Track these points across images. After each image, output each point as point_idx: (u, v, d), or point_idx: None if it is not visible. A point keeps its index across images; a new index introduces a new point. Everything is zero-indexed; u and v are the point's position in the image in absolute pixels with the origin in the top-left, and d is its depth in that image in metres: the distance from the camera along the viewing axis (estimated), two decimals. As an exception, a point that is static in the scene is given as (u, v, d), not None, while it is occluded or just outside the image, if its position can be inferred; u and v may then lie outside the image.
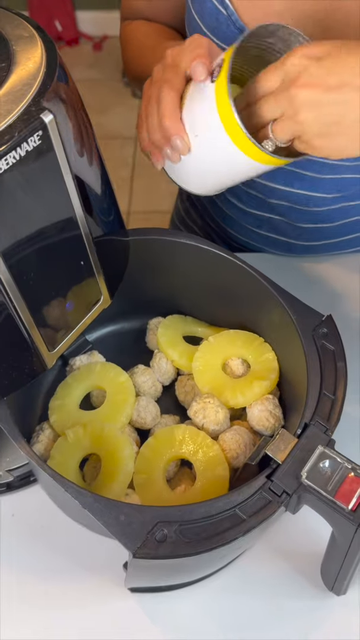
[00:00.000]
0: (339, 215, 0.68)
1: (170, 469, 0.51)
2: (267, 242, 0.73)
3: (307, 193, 0.64)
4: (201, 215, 0.80)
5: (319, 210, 0.66)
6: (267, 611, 0.49)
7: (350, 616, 0.49)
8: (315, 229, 0.69)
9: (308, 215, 0.67)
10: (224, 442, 0.50)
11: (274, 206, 0.67)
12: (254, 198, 0.67)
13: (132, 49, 0.66)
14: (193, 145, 0.46)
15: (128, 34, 0.68)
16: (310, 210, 0.67)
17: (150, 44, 0.64)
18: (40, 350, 0.43)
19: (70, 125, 0.38)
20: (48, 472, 0.41)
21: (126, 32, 0.69)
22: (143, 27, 0.67)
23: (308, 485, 0.40)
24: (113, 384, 0.55)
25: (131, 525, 0.39)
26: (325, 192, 0.64)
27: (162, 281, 0.59)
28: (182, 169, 0.49)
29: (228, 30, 0.56)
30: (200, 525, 0.39)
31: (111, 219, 0.49)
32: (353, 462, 0.40)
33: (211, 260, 0.55)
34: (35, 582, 0.50)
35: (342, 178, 0.62)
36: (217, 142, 0.44)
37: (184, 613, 0.49)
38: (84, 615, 0.49)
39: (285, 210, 0.67)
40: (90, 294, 0.47)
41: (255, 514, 0.39)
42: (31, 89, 0.35)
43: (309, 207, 0.66)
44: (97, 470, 0.51)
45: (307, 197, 0.65)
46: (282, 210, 0.68)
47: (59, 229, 0.41)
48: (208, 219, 0.79)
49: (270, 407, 0.51)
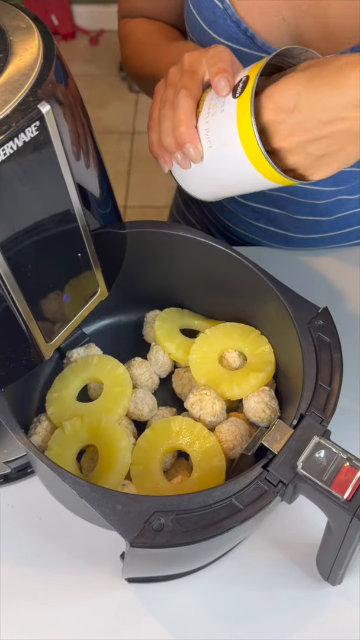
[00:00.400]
0: (336, 209, 0.68)
1: (167, 460, 0.52)
2: (265, 234, 0.73)
3: (305, 186, 0.64)
4: (200, 209, 0.80)
5: (317, 202, 0.67)
6: (263, 601, 0.50)
7: (346, 606, 0.49)
8: (313, 222, 0.70)
9: (306, 207, 0.68)
10: (220, 433, 0.51)
11: (273, 198, 0.68)
12: None
13: (132, 45, 0.66)
14: (206, 155, 0.46)
15: (128, 32, 0.68)
16: (308, 202, 0.67)
17: (151, 42, 0.64)
18: (37, 342, 0.43)
19: (68, 115, 0.38)
20: (45, 462, 0.42)
21: (125, 30, 0.69)
22: (144, 25, 0.67)
23: (304, 475, 0.40)
24: (110, 377, 0.55)
25: (128, 515, 0.39)
26: (323, 185, 0.64)
27: (159, 274, 0.59)
28: (190, 175, 0.49)
29: (225, 24, 0.56)
30: (197, 514, 0.39)
31: (108, 211, 0.49)
32: (348, 452, 0.41)
33: (208, 253, 0.55)
34: (33, 573, 0.51)
35: (340, 171, 0.62)
36: (232, 157, 0.44)
37: (181, 603, 0.49)
38: (82, 606, 0.49)
39: (284, 202, 0.68)
40: (88, 286, 0.47)
41: (252, 504, 0.40)
42: (28, 80, 0.35)
43: (307, 199, 0.66)
44: (94, 462, 0.51)
45: (304, 190, 0.65)
46: (280, 202, 0.68)
47: (56, 220, 0.41)
48: (207, 212, 0.79)
49: (266, 398, 0.52)
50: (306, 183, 0.46)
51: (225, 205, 0.73)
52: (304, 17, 0.53)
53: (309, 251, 0.74)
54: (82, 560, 0.51)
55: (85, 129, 0.42)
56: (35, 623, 0.48)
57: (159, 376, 0.59)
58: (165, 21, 0.68)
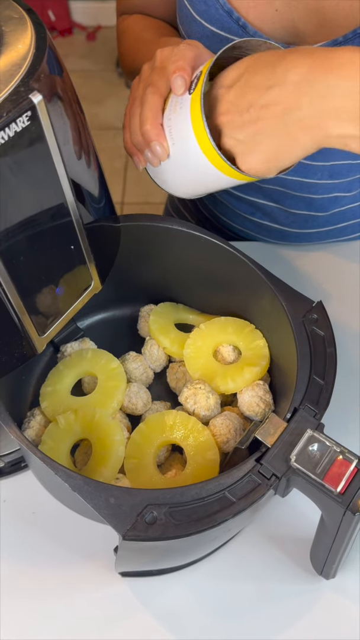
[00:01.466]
0: (332, 205, 0.68)
1: (161, 454, 0.52)
2: (260, 229, 0.73)
3: (300, 179, 0.64)
4: (194, 204, 0.80)
5: (313, 197, 0.67)
6: (256, 595, 0.50)
7: (339, 600, 0.49)
8: (309, 216, 0.70)
9: (301, 201, 0.67)
10: (214, 427, 0.51)
11: (268, 192, 0.67)
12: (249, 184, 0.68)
13: (129, 42, 0.66)
14: (171, 152, 0.46)
15: (125, 28, 0.68)
16: (304, 196, 0.67)
17: (147, 38, 0.64)
18: (30, 335, 0.43)
19: (61, 107, 0.38)
20: (38, 456, 0.41)
21: (123, 26, 0.69)
22: (140, 21, 0.67)
23: (297, 468, 0.40)
24: (104, 371, 0.55)
25: (121, 508, 0.39)
26: (318, 178, 0.64)
27: (153, 268, 0.59)
28: (162, 172, 0.49)
29: (217, 14, 0.55)
30: (190, 507, 0.39)
31: (102, 204, 0.49)
32: (342, 445, 0.41)
33: (203, 247, 0.55)
34: (26, 568, 0.51)
35: (334, 165, 0.62)
36: (192, 152, 0.44)
37: (175, 597, 0.49)
38: (75, 600, 0.49)
39: (279, 196, 0.68)
40: (81, 279, 0.47)
41: (245, 497, 0.40)
42: (20, 70, 0.35)
43: (302, 193, 0.66)
44: (88, 456, 0.51)
45: (300, 183, 0.65)
46: (276, 196, 0.68)
47: (49, 213, 0.40)
48: (201, 208, 0.79)
49: (260, 392, 0.52)
50: (286, 173, 0.45)
51: (219, 200, 0.73)
52: (297, 8, 0.53)
53: (304, 246, 0.74)
54: (76, 554, 0.51)
55: (79, 120, 0.42)
56: (28, 617, 0.48)
57: (154, 370, 0.59)
58: (161, 17, 0.68)
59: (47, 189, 0.40)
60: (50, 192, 0.40)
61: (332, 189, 0.66)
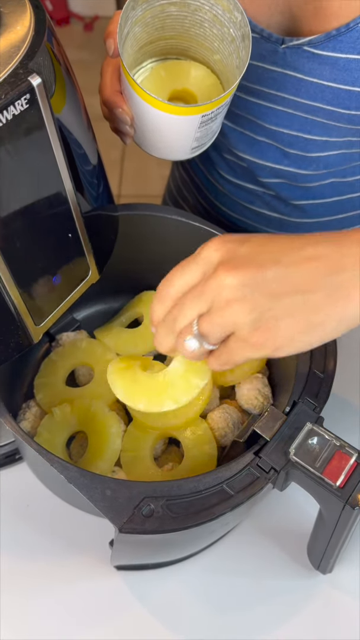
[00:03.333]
0: (331, 192, 0.67)
1: (158, 447, 0.51)
2: (260, 219, 0.72)
3: (296, 170, 0.63)
4: (194, 194, 0.79)
5: (310, 186, 0.66)
6: (253, 589, 0.49)
7: (336, 595, 0.49)
8: (308, 206, 0.69)
9: (300, 191, 0.67)
10: (212, 420, 0.50)
11: (266, 182, 0.67)
12: (247, 171, 0.67)
13: None
14: (133, 113, 0.46)
15: None
16: (301, 186, 0.66)
17: None
18: (26, 324, 0.42)
19: (59, 89, 0.37)
20: (34, 447, 0.41)
21: None
22: None
23: (296, 461, 0.39)
24: (101, 362, 0.55)
25: (117, 500, 0.38)
26: (313, 169, 0.63)
27: (151, 259, 0.58)
28: (141, 136, 0.49)
29: None
30: (188, 500, 0.39)
31: (100, 192, 0.48)
32: (341, 439, 0.40)
33: (202, 237, 0.54)
34: (20, 561, 0.50)
35: (328, 155, 0.61)
36: (134, 102, 0.44)
37: (171, 591, 0.49)
38: (70, 594, 0.49)
39: (277, 186, 0.67)
40: (78, 269, 0.46)
41: (243, 490, 0.39)
42: (19, 52, 0.34)
43: (299, 183, 0.65)
44: (84, 448, 0.51)
45: (295, 174, 0.64)
46: (274, 186, 0.67)
47: (46, 199, 0.40)
48: (200, 197, 0.78)
49: (259, 385, 0.51)
50: (281, 164, 0.43)
51: (219, 188, 0.72)
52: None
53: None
54: (70, 547, 0.51)
55: (79, 105, 0.41)
56: (22, 610, 0.48)
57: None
58: None
59: (46, 176, 0.39)
60: (48, 178, 0.39)
61: (328, 176, 0.65)
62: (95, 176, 0.47)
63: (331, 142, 0.59)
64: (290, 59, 0.52)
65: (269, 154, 0.62)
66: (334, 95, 0.52)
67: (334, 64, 0.50)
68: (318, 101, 0.53)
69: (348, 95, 0.51)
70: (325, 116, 0.55)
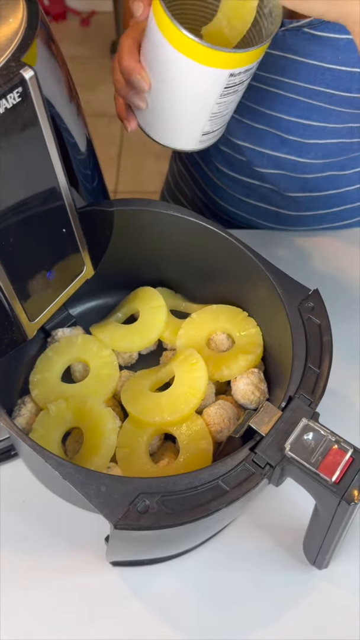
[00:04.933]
0: (327, 185, 0.67)
1: (154, 443, 0.51)
2: (257, 212, 0.72)
3: (294, 158, 0.63)
4: (192, 188, 0.79)
5: (307, 177, 0.66)
6: (249, 585, 0.49)
7: (332, 590, 0.49)
8: (304, 198, 0.69)
9: (297, 183, 0.67)
10: (208, 416, 0.50)
11: (263, 174, 0.67)
12: (244, 164, 0.67)
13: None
14: (152, 80, 0.44)
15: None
16: (299, 177, 0.66)
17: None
18: (20, 320, 0.42)
19: (53, 84, 0.37)
20: (28, 444, 0.41)
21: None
22: None
23: (291, 457, 0.39)
24: (97, 358, 0.55)
25: (112, 496, 0.38)
26: (311, 157, 0.63)
27: (147, 254, 0.58)
28: (153, 116, 0.47)
29: None
30: (183, 496, 0.39)
31: (95, 186, 0.48)
32: (337, 434, 0.40)
33: (198, 233, 0.54)
34: (15, 557, 0.50)
35: (327, 143, 0.61)
36: (165, 59, 0.42)
37: (167, 587, 0.49)
38: (65, 590, 0.49)
39: (274, 178, 0.67)
40: (73, 265, 0.46)
41: (239, 486, 0.39)
42: (11, 44, 0.34)
43: (296, 173, 0.65)
44: (79, 444, 0.51)
45: (294, 163, 0.64)
46: (271, 178, 0.67)
47: (40, 194, 0.39)
48: (198, 191, 0.77)
49: (255, 380, 0.51)
50: (280, 152, 0.42)
51: (216, 182, 0.72)
52: None
53: (301, 232, 0.73)
54: (66, 543, 0.51)
55: (73, 98, 0.41)
56: (17, 606, 0.48)
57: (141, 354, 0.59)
58: None
59: (39, 170, 0.38)
60: (42, 173, 0.39)
61: (326, 167, 0.65)
62: (90, 171, 0.47)
63: (330, 129, 0.58)
64: (289, 41, 0.51)
65: (267, 141, 0.62)
66: (334, 78, 0.51)
67: (334, 45, 0.49)
68: (318, 84, 0.53)
69: (349, 77, 0.51)
70: (326, 100, 0.54)
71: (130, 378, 0.54)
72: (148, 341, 0.56)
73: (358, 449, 0.39)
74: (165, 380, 0.53)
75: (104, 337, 0.56)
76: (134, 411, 0.50)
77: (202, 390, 0.50)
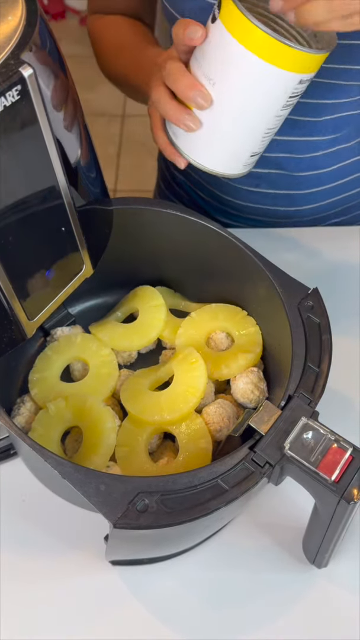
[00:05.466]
0: (335, 160, 0.67)
1: (153, 441, 0.51)
2: (267, 199, 0.72)
3: (304, 139, 0.63)
4: (188, 191, 0.79)
5: (315, 155, 0.66)
6: (248, 584, 0.49)
7: (331, 589, 0.49)
8: (313, 176, 0.69)
9: (305, 162, 0.66)
10: (207, 415, 0.50)
11: (271, 159, 0.66)
12: None
13: (108, 46, 0.65)
14: (214, 95, 0.43)
15: (101, 29, 0.66)
16: (307, 157, 0.66)
17: (130, 44, 0.62)
18: (19, 319, 0.42)
19: (52, 82, 0.37)
20: (27, 443, 0.41)
21: (98, 26, 0.66)
22: (119, 24, 0.65)
23: (291, 456, 0.39)
24: (96, 357, 0.54)
25: (112, 495, 0.38)
26: (322, 134, 0.63)
27: (146, 254, 0.58)
28: (211, 141, 0.46)
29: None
30: (182, 495, 0.39)
31: (94, 184, 0.48)
32: (336, 433, 0.40)
33: (198, 232, 0.54)
34: (15, 556, 0.50)
35: (338, 117, 0.61)
36: (239, 68, 0.41)
37: (166, 586, 0.49)
38: (64, 589, 0.49)
39: (283, 161, 0.67)
40: (72, 263, 0.46)
41: (238, 485, 0.39)
42: (10, 42, 0.34)
43: (306, 154, 0.65)
44: (78, 443, 0.51)
45: (305, 143, 0.64)
46: (279, 162, 0.67)
47: (39, 192, 0.39)
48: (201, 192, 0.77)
49: (255, 379, 0.51)
50: (292, 135, 0.42)
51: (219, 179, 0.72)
52: None
53: (300, 230, 0.73)
54: (65, 542, 0.51)
55: (72, 97, 0.40)
56: (17, 605, 0.48)
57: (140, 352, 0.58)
58: (139, 17, 0.66)
59: (38, 168, 0.38)
60: (41, 171, 0.39)
61: (335, 142, 0.65)
62: (90, 169, 0.47)
63: (345, 103, 0.59)
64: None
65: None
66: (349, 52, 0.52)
67: None
68: (333, 62, 0.53)
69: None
70: (336, 76, 0.54)
71: (129, 377, 0.54)
72: (147, 340, 0.56)
73: (357, 447, 0.39)
74: (165, 379, 0.53)
75: (103, 336, 0.56)
76: (133, 410, 0.50)
77: (201, 389, 0.50)
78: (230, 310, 0.56)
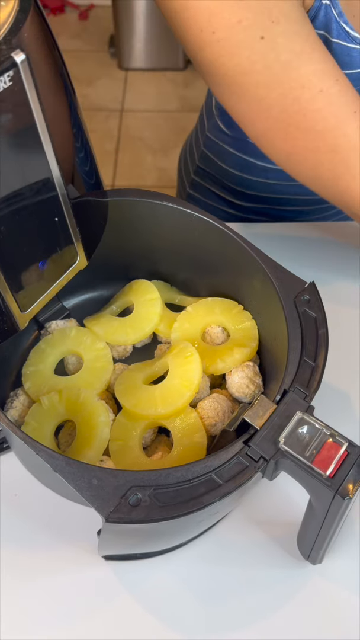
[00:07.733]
0: None
1: (147, 436, 0.50)
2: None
3: None
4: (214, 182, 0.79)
5: None
6: (242, 580, 0.49)
7: (326, 585, 0.49)
8: None
9: None
10: (202, 409, 0.49)
11: None
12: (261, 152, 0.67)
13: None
14: None
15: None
16: None
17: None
18: (11, 310, 0.42)
19: (46, 69, 0.36)
20: (19, 436, 0.40)
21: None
22: None
23: (286, 450, 0.39)
24: (90, 350, 0.54)
25: (104, 489, 0.38)
26: None
27: (142, 246, 0.58)
28: None
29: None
30: (176, 489, 0.38)
31: (89, 175, 0.47)
32: (332, 428, 0.40)
33: (193, 224, 0.53)
34: (7, 551, 0.50)
35: None
36: None
37: (159, 581, 0.49)
38: (57, 584, 0.48)
39: None
40: (66, 255, 0.46)
41: (232, 479, 0.39)
42: (2, 28, 0.33)
43: None
44: (72, 437, 0.50)
45: None
46: None
47: (32, 183, 0.39)
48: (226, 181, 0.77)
49: (250, 374, 0.50)
50: None
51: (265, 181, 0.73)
52: None
53: (299, 224, 0.73)
54: (58, 537, 0.50)
55: (66, 85, 0.40)
56: (9, 600, 0.47)
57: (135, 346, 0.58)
58: None
59: (31, 158, 0.38)
60: (34, 161, 0.38)
61: None
62: (84, 160, 0.46)
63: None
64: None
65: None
66: None
67: None
68: None
69: None
70: None
71: (124, 371, 0.53)
72: (142, 334, 0.56)
73: (353, 442, 0.39)
74: (160, 373, 0.53)
75: (98, 330, 0.56)
76: (127, 404, 0.49)
77: (196, 383, 0.49)
78: (226, 304, 0.56)
